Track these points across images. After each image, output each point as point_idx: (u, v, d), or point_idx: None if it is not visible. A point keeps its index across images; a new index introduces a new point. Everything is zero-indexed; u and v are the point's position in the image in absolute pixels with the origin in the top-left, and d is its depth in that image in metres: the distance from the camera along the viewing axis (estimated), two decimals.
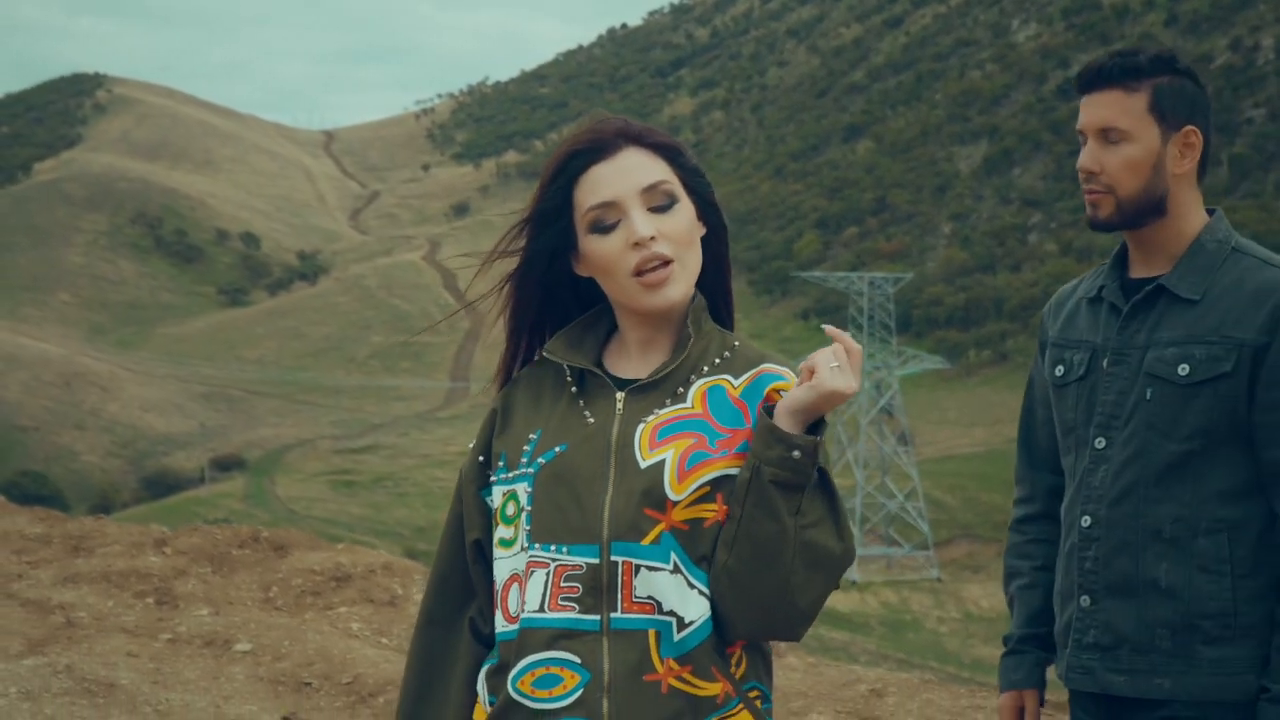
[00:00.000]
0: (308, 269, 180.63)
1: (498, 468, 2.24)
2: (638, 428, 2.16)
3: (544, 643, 2.11)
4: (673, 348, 2.23)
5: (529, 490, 2.17)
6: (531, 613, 2.13)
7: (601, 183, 2.19)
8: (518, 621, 2.15)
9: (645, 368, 2.23)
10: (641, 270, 2.16)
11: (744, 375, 2.20)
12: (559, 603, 2.12)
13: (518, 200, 2.37)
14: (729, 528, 2.10)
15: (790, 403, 2.09)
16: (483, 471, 2.28)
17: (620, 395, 2.20)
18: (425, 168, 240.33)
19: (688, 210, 2.21)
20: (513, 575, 2.18)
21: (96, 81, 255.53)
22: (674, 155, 2.23)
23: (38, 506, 9.60)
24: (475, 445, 2.31)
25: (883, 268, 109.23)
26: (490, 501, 2.26)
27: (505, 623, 2.18)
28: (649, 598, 2.10)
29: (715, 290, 2.29)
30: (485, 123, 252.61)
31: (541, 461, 2.18)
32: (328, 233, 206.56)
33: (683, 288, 2.18)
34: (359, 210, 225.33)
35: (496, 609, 2.21)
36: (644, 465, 2.13)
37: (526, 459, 2.20)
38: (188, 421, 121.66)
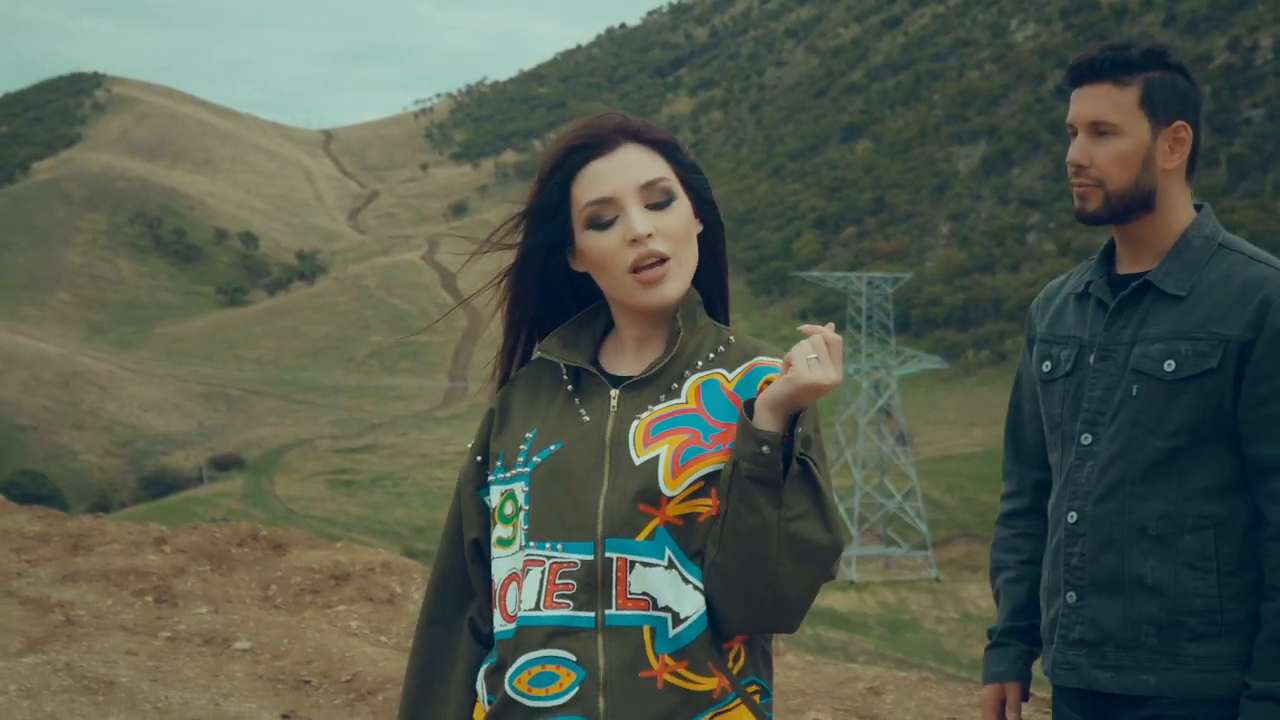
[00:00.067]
0: (306, 269, 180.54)
1: (495, 467, 2.24)
2: (632, 424, 2.16)
3: (540, 641, 2.12)
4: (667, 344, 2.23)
5: (526, 490, 2.17)
6: (528, 611, 2.13)
7: (599, 178, 2.18)
8: (515, 620, 2.15)
9: (641, 365, 2.23)
10: (638, 267, 2.16)
11: (738, 368, 2.20)
12: (554, 600, 2.12)
13: (515, 201, 2.38)
14: (717, 524, 2.10)
15: (768, 397, 2.08)
16: (481, 471, 2.28)
17: (615, 392, 2.19)
18: (424, 167, 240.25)
19: (685, 207, 2.20)
20: (510, 574, 2.18)
21: (95, 81, 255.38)
22: (672, 152, 2.23)
23: (37, 505, 9.61)
24: (473, 445, 2.31)
25: (881, 268, 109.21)
26: (488, 501, 2.25)
27: (503, 622, 2.18)
28: (643, 594, 2.09)
29: (712, 287, 2.29)
30: (484, 122, 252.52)
31: (537, 460, 2.18)
32: (326, 232, 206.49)
33: (679, 285, 2.18)
34: (358, 210, 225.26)
35: (495, 608, 2.21)
36: (639, 462, 2.13)
37: (523, 458, 2.20)
38: (186, 421, 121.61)
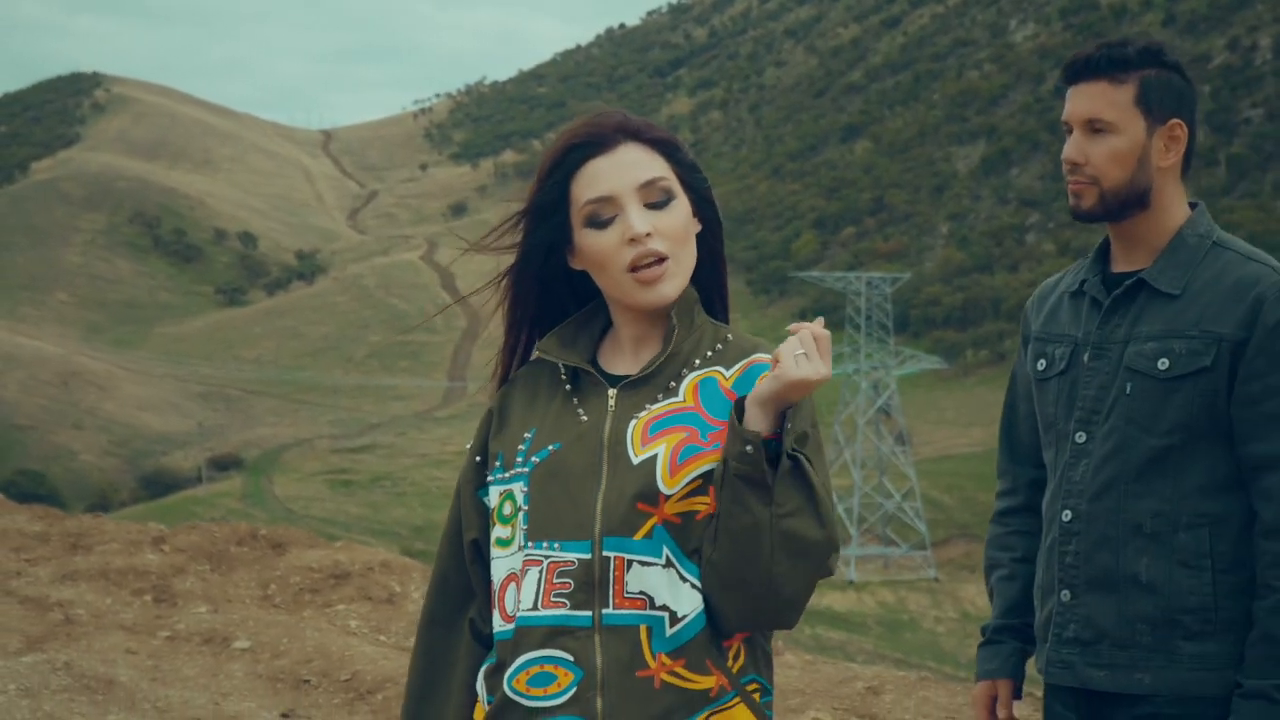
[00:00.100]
0: (306, 268, 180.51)
1: (494, 468, 2.24)
2: (630, 424, 2.16)
3: (538, 641, 2.12)
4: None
5: (525, 490, 2.18)
6: (526, 611, 2.14)
7: (599, 177, 2.18)
8: (514, 621, 2.16)
9: (639, 363, 2.23)
10: (636, 266, 2.16)
11: (735, 366, 2.20)
12: (551, 599, 2.12)
13: (515, 200, 2.39)
14: (712, 522, 2.10)
15: (757, 394, 2.08)
16: (479, 472, 2.28)
17: (612, 392, 2.20)
18: (423, 167, 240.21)
19: (684, 207, 2.20)
20: (509, 575, 2.19)
21: (94, 81, 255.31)
22: (671, 151, 2.23)
23: (36, 505, 9.61)
24: (472, 446, 2.31)
25: (880, 268, 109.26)
26: (487, 501, 2.26)
27: (502, 622, 2.19)
28: (640, 593, 2.09)
29: (711, 286, 2.29)
30: (483, 122, 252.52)
31: (536, 460, 2.18)
32: (326, 232, 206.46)
33: (677, 284, 2.18)
34: (357, 210, 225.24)
35: (494, 609, 2.22)
36: (636, 462, 2.13)
37: (522, 458, 2.20)
38: (185, 421, 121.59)
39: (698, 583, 2.11)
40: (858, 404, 77.44)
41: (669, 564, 2.10)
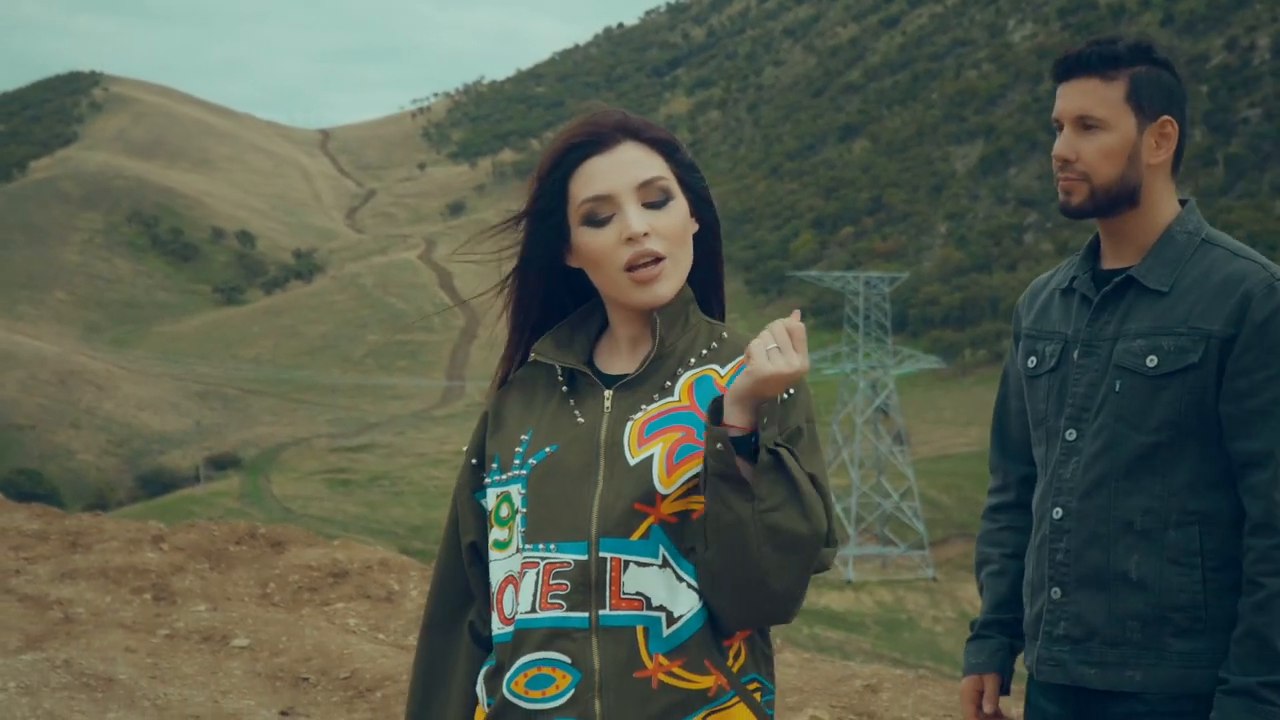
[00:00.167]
0: (304, 267, 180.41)
1: (491, 470, 2.24)
2: (626, 425, 2.16)
3: (537, 643, 2.12)
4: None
5: (522, 492, 2.17)
6: (524, 614, 2.14)
7: (597, 176, 2.18)
8: (513, 623, 2.16)
9: (635, 364, 2.22)
10: (633, 266, 2.16)
11: (730, 364, 2.19)
12: (548, 601, 2.12)
13: (513, 200, 2.40)
14: (702, 521, 2.11)
15: (733, 392, 2.07)
16: (476, 474, 2.28)
17: (608, 393, 2.19)
18: (421, 166, 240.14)
19: (681, 207, 2.20)
20: (508, 577, 2.19)
21: (93, 80, 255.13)
22: (670, 151, 2.22)
23: (35, 504, 9.62)
24: (469, 449, 2.31)
25: (879, 267, 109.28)
26: (485, 504, 2.26)
27: (501, 625, 2.19)
28: (637, 593, 2.09)
29: (707, 286, 2.29)
30: (481, 122, 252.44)
31: (533, 462, 2.18)
32: (324, 231, 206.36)
33: (674, 284, 2.18)
34: (355, 209, 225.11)
35: (493, 611, 2.22)
36: (633, 462, 2.13)
37: (519, 460, 2.20)
38: (183, 420, 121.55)
39: (694, 582, 2.10)
40: (856, 403, 77.45)
41: (665, 564, 2.10)
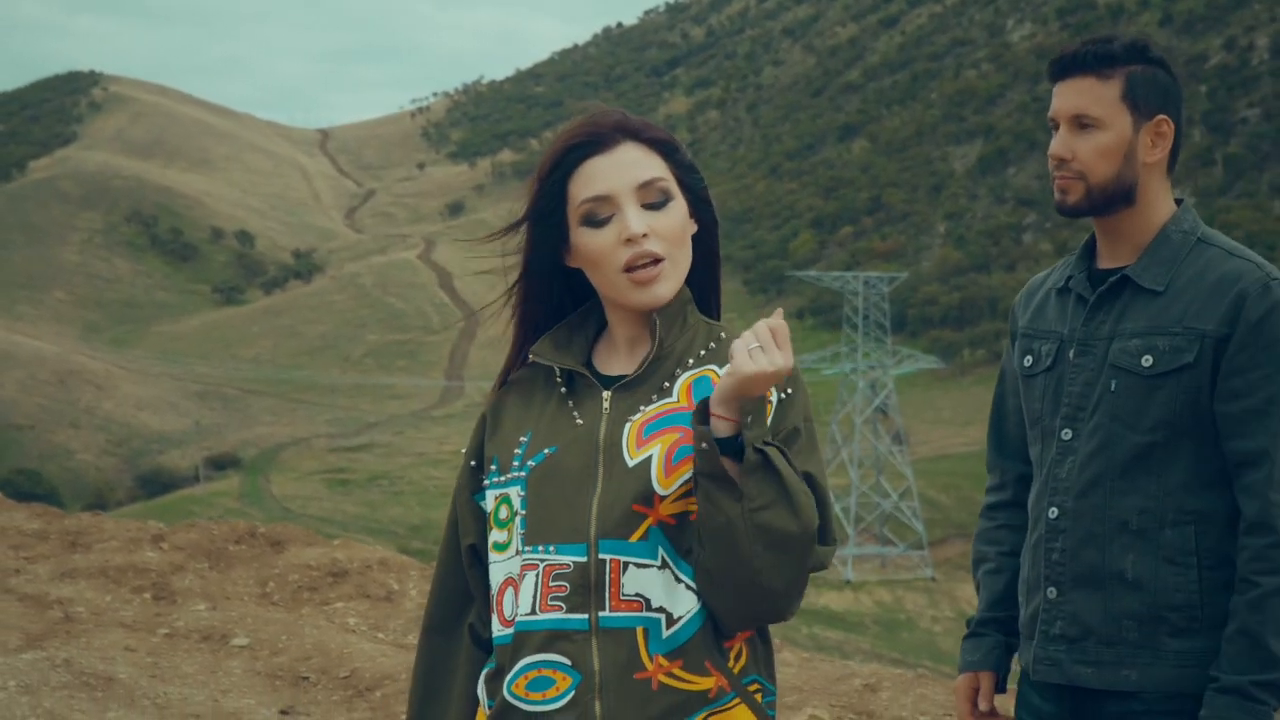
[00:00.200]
0: (303, 267, 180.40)
1: (490, 472, 2.24)
2: (625, 426, 2.16)
3: (537, 645, 2.12)
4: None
5: (522, 494, 2.17)
6: (524, 616, 2.14)
7: (597, 176, 2.17)
8: (513, 625, 2.15)
9: (634, 364, 2.22)
10: (632, 266, 2.15)
11: (728, 364, 2.18)
12: (548, 603, 2.11)
13: (512, 199, 2.41)
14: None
15: (718, 392, 2.07)
16: (475, 476, 2.28)
17: (607, 394, 2.19)
18: (420, 166, 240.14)
19: (681, 208, 2.20)
20: (507, 579, 2.18)
21: (92, 79, 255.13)
22: (670, 151, 2.22)
23: (35, 503, 9.62)
24: (468, 450, 2.31)
25: (878, 267, 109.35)
26: (484, 506, 2.25)
27: (501, 627, 2.19)
28: (637, 594, 2.09)
29: (706, 286, 2.29)
30: (480, 121, 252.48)
31: (532, 464, 2.17)
32: (323, 231, 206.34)
33: (672, 285, 2.17)
34: (354, 209, 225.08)
35: (493, 613, 2.21)
36: (632, 464, 2.12)
37: (518, 462, 2.19)
38: (182, 420, 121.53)
39: (693, 583, 2.10)
40: (855, 403, 77.47)
41: (665, 565, 2.10)
